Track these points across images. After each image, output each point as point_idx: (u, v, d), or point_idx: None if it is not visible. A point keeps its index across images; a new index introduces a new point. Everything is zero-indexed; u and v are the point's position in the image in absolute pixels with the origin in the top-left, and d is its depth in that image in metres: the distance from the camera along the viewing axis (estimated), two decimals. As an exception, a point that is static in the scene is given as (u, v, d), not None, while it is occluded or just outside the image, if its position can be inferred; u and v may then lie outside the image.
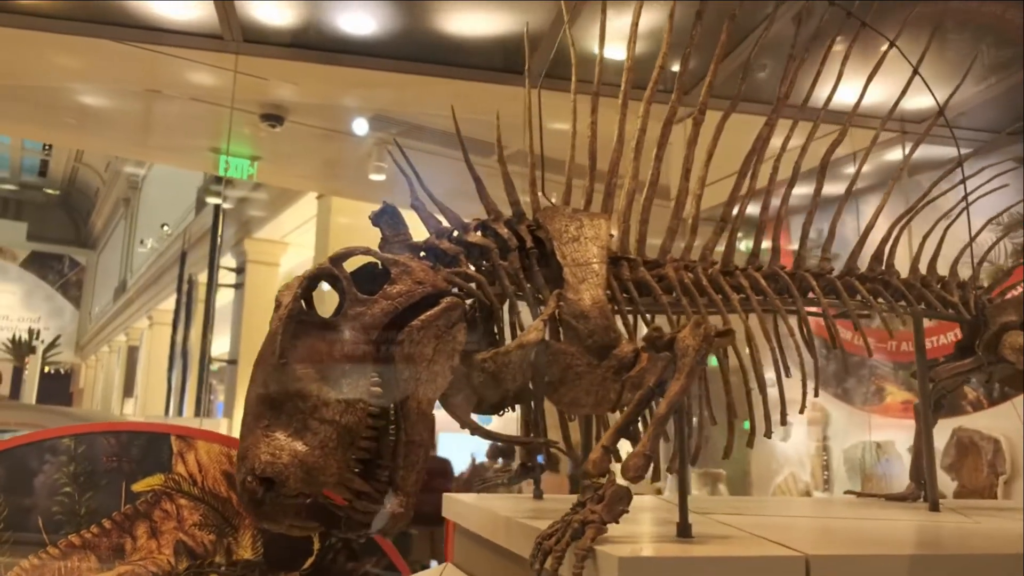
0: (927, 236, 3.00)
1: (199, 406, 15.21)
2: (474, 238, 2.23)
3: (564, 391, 2.08)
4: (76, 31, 5.75)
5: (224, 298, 15.09)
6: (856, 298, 2.75)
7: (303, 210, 12.71)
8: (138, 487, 2.83)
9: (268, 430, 1.82)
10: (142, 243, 20.51)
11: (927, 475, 2.76)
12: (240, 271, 15.06)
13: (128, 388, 23.17)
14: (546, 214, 2.32)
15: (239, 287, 14.94)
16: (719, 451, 2.45)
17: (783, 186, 2.85)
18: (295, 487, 1.78)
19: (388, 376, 1.92)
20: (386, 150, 7.97)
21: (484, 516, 2.44)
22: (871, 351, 2.72)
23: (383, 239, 2.15)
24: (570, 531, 1.68)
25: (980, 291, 3.00)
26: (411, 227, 2.22)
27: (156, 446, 2.87)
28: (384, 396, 1.91)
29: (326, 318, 1.93)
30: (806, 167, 2.99)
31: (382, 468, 1.93)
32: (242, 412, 1.90)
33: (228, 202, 13.10)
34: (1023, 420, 5.82)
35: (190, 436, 2.90)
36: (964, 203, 3.05)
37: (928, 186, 3.03)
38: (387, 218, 2.16)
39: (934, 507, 2.70)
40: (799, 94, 2.85)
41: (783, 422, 2.54)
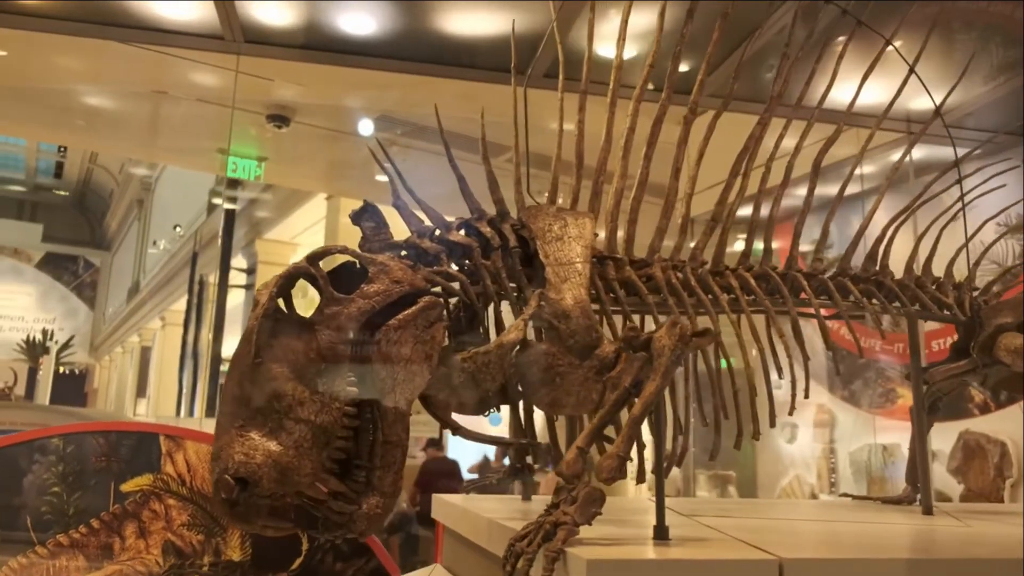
0: (921, 237, 2.97)
1: (210, 406, 15.25)
2: (456, 237, 2.21)
3: (545, 391, 2.06)
4: (79, 32, 5.77)
5: (235, 299, 15.12)
6: (849, 299, 2.72)
7: (313, 211, 12.74)
8: (127, 487, 2.82)
9: (242, 430, 1.81)
10: (154, 244, 20.60)
11: (921, 478, 2.73)
12: (251, 272, 15.11)
13: (141, 389, 23.27)
14: (530, 213, 2.30)
15: (250, 288, 14.99)
16: (729, 453, 2.43)
17: (786, 186, 2.83)
18: (268, 487, 1.77)
19: (365, 376, 1.91)
20: (380, 150, 7.97)
21: (469, 518, 2.43)
22: (862, 352, 2.69)
23: (363, 238, 2.14)
24: (542, 533, 1.67)
25: (976, 292, 2.97)
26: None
27: (145, 446, 2.86)
28: (361, 396, 1.90)
29: (302, 317, 1.92)
30: (808, 169, 2.97)
31: (360, 468, 1.92)
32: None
33: (235, 203, 13.12)
34: (1031, 423, 5.76)
35: (179, 436, 2.89)
36: (962, 204, 3.01)
37: (928, 187, 3.00)
38: (367, 217, 2.14)
39: (927, 510, 2.66)
40: (806, 94, 2.83)
41: (772, 424, 2.51)
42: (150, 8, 5.47)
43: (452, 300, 2.16)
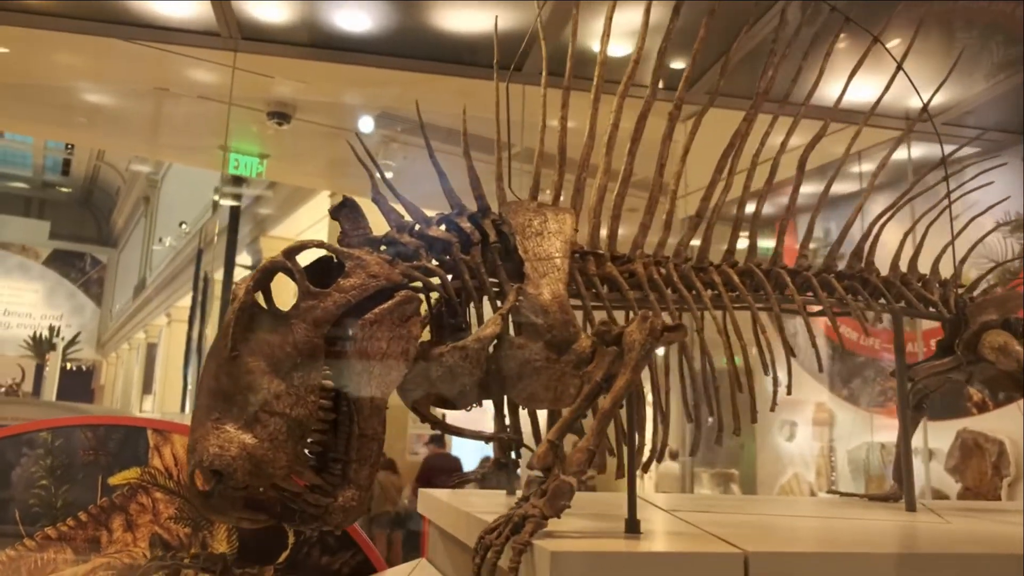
0: (907, 234, 2.97)
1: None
2: (436, 232, 2.22)
3: (522, 386, 2.07)
4: (80, 29, 5.80)
5: (239, 296, 15.14)
6: (834, 296, 2.72)
7: (316, 208, 12.76)
8: (114, 480, 2.84)
9: (218, 422, 1.82)
10: (160, 241, 20.67)
11: (904, 475, 2.72)
12: (255, 269, 15.14)
13: (147, 385, 23.35)
14: (511, 208, 2.31)
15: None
16: (732, 452, 2.44)
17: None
18: (243, 479, 1.78)
19: (341, 369, 1.92)
20: (387, 148, 7.99)
21: (450, 512, 2.44)
22: (843, 344, 2.69)
23: (342, 233, 2.15)
24: (510, 526, 1.68)
25: (962, 289, 2.96)
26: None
27: (133, 440, 2.88)
28: (337, 389, 1.91)
29: (280, 311, 1.93)
30: (810, 166, 2.97)
31: (336, 461, 1.93)
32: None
33: (236, 200, 13.16)
34: (1029, 422, 5.74)
35: (167, 430, 2.91)
36: (948, 201, 3.01)
37: (914, 184, 3.00)
38: (346, 212, 2.15)
39: (910, 507, 2.67)
40: (802, 92, 2.84)
41: (753, 420, 2.52)
42: (149, 6, 5.50)
43: (434, 295, 2.17)
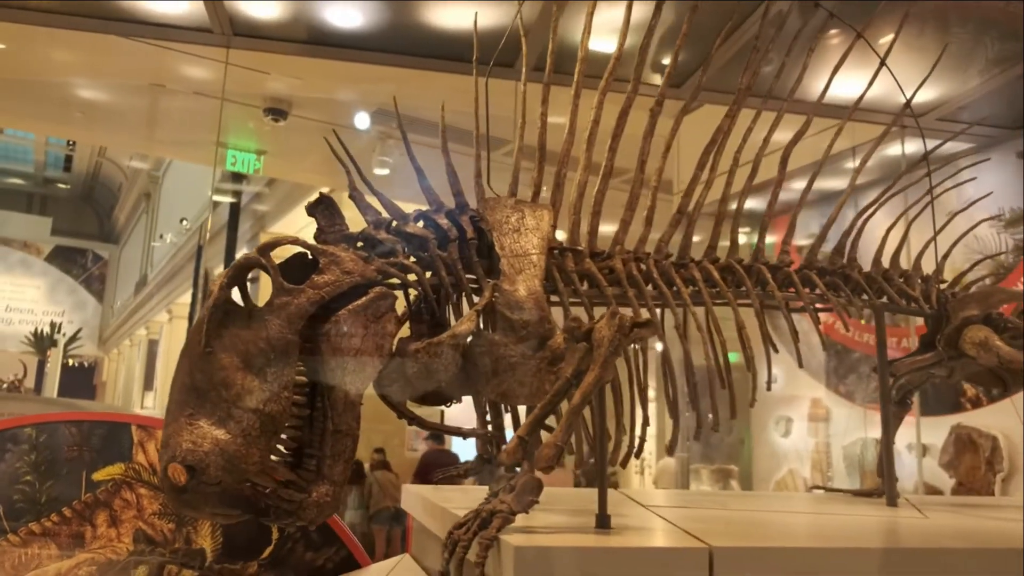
0: (890, 230, 2.97)
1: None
2: (412, 228, 2.22)
3: (497, 382, 2.07)
4: (76, 25, 5.81)
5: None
6: (815, 291, 2.73)
7: (315, 205, 12.75)
8: (99, 476, 2.85)
9: (191, 418, 1.83)
10: (161, 237, 20.69)
11: (885, 470, 2.74)
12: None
13: (148, 381, 23.39)
14: (488, 204, 2.31)
15: (254, 281, 15.01)
16: (730, 448, 2.45)
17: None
18: (216, 475, 1.79)
19: (315, 365, 1.93)
20: (383, 143, 8.00)
21: (430, 508, 2.45)
22: (825, 344, 2.69)
23: (319, 229, 2.16)
24: (479, 521, 1.68)
25: (944, 284, 2.97)
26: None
27: (117, 436, 2.89)
28: (310, 385, 1.92)
29: (254, 307, 1.94)
30: (806, 161, 2.98)
31: (311, 457, 1.94)
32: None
33: (236, 196, 13.17)
34: (1022, 418, 5.74)
35: (151, 426, 2.92)
36: (931, 197, 3.01)
37: (897, 180, 3.00)
38: (323, 208, 2.16)
39: (891, 502, 2.67)
40: (803, 89, 2.85)
41: (733, 415, 2.52)
42: (142, 4, 5.50)
43: (412, 292, 2.18)
